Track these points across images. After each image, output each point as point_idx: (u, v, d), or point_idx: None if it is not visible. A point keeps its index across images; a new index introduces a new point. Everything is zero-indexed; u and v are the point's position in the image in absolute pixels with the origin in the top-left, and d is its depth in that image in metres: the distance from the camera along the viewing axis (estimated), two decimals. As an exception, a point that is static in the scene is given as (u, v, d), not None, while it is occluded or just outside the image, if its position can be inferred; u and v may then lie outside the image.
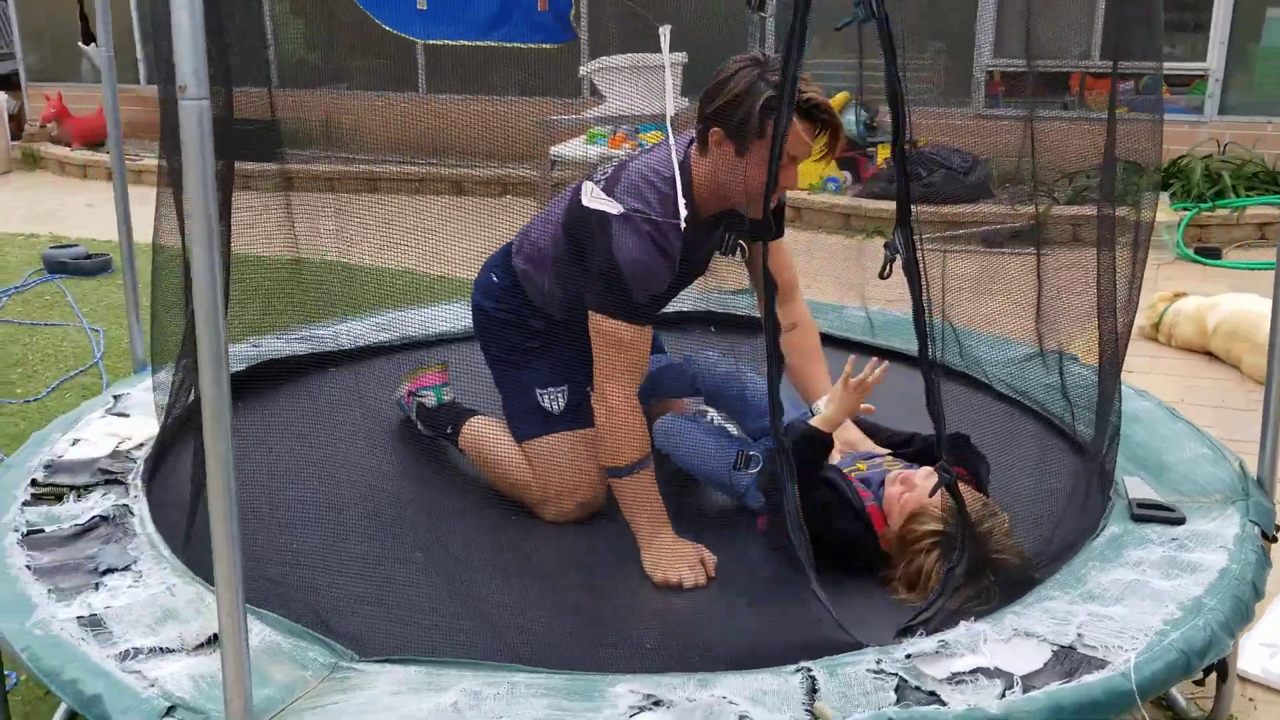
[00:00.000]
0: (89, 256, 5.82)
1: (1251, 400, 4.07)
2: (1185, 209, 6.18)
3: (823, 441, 2.26)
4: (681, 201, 2.24)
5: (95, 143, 8.89)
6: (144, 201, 3.18)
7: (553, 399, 2.49)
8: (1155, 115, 2.34)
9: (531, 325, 2.54)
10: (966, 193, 6.32)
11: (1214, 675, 2.18)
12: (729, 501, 2.45)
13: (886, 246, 2.14)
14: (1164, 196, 6.30)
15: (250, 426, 2.53)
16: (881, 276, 2.14)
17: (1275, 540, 2.16)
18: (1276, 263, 2.30)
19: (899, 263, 1.94)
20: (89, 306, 5.17)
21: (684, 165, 2.30)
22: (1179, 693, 2.31)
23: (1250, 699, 2.40)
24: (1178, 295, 4.67)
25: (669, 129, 2.20)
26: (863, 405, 2.37)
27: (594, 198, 2.31)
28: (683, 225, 2.25)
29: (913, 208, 1.94)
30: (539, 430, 2.50)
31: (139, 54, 9.16)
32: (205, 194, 1.35)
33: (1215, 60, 6.87)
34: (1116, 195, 2.43)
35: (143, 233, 3.16)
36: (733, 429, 2.60)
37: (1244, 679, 2.39)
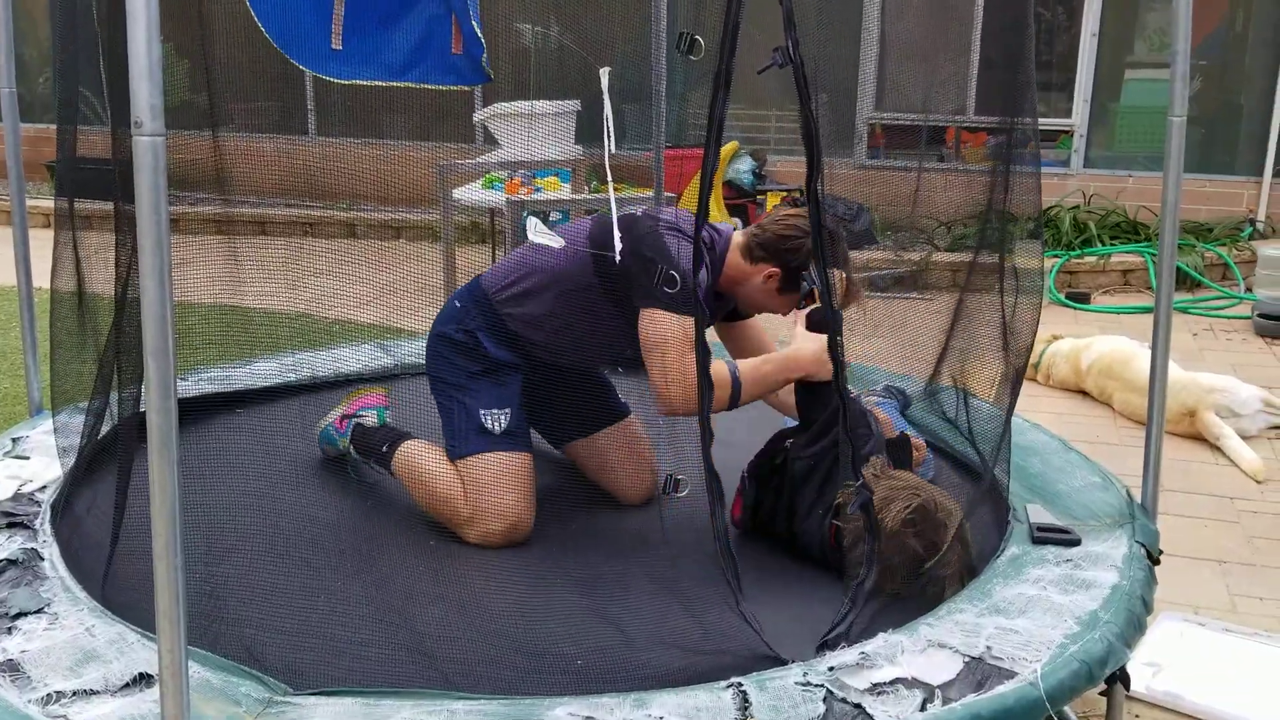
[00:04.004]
0: (-43, 300, 5.62)
1: (1123, 436, 4.29)
2: (1056, 256, 6.51)
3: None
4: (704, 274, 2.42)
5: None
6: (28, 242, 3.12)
7: (495, 419, 2.55)
8: (1031, 168, 2.51)
9: (486, 350, 2.59)
10: (851, 239, 6.56)
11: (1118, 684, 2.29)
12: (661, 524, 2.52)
13: (803, 278, 2.26)
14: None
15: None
16: (799, 306, 2.27)
17: (1159, 562, 2.30)
18: (1155, 306, 2.46)
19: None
20: (-40, 351, 4.98)
21: (722, 254, 2.52)
22: (1072, 710, 2.44)
23: (1136, 716, 2.55)
24: (1055, 337, 4.87)
25: (608, 156, 2.28)
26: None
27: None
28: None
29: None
30: (477, 449, 2.54)
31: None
32: (159, 230, 1.37)
33: (1080, 117, 7.27)
34: (993, 243, 2.59)
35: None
36: None
37: (1129, 697, 2.54)
